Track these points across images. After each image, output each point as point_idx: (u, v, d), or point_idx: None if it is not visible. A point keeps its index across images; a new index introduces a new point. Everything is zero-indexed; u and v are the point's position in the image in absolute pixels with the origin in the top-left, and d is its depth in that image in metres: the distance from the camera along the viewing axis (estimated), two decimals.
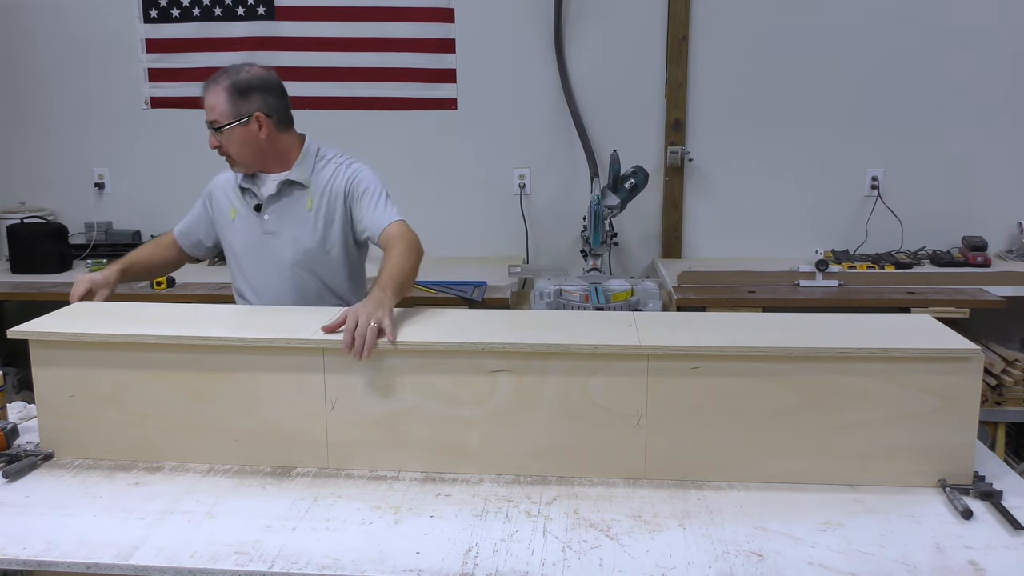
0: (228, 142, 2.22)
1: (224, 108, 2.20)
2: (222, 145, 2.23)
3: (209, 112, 2.21)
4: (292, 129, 2.33)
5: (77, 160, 4.01)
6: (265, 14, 3.77)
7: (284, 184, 2.29)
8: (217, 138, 2.23)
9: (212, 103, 2.21)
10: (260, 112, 2.22)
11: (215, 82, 2.23)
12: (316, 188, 2.30)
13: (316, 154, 2.34)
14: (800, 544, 1.47)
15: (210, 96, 2.21)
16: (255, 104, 2.22)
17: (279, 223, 2.30)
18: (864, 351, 1.65)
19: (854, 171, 3.67)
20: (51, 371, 1.83)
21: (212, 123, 2.22)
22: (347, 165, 2.34)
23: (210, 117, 2.22)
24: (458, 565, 1.42)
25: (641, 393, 1.70)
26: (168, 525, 1.56)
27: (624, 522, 1.56)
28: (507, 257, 3.77)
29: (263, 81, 2.26)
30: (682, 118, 3.69)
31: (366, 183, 2.30)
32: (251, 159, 2.27)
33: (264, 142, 2.24)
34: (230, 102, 2.20)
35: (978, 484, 1.65)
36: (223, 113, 2.20)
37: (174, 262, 2.52)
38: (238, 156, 2.25)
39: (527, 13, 3.69)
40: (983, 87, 3.55)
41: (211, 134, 2.24)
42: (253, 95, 2.22)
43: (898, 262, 3.40)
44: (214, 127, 2.22)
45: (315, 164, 2.32)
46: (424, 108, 3.81)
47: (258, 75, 2.26)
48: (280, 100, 2.28)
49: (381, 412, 1.76)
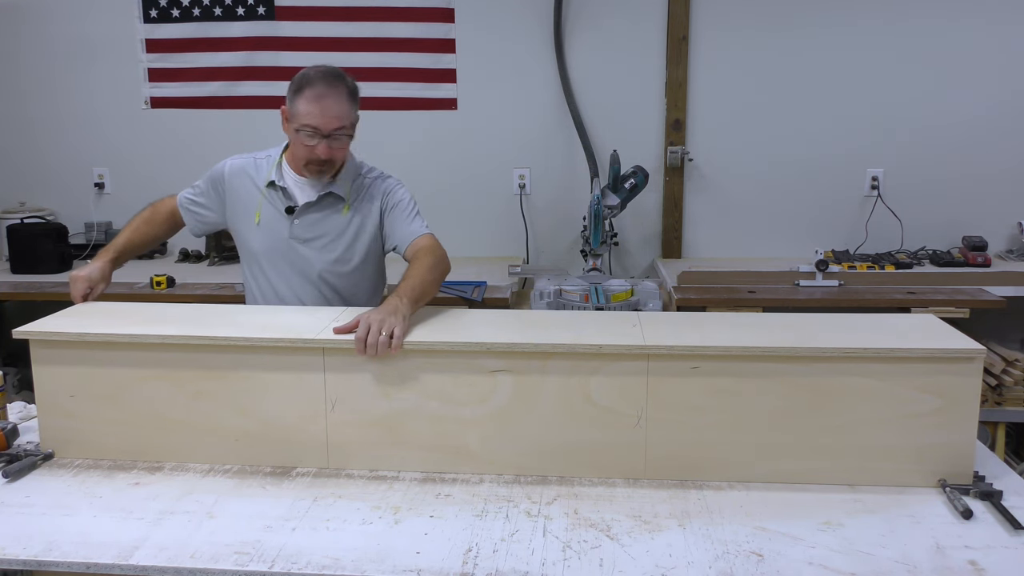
0: (342, 151, 2.14)
1: (351, 113, 2.12)
2: (331, 152, 2.11)
3: (335, 119, 2.08)
4: None
5: (77, 160, 4.01)
6: (265, 14, 3.77)
7: (327, 196, 2.22)
8: (335, 146, 2.11)
9: (343, 111, 2.09)
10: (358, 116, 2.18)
11: (336, 88, 2.09)
12: (355, 202, 2.25)
13: (353, 164, 2.30)
14: (800, 544, 1.48)
15: (337, 103, 2.08)
16: (358, 108, 2.18)
17: (311, 230, 2.22)
18: (864, 351, 1.65)
19: (854, 171, 3.67)
20: (51, 371, 1.83)
21: (340, 130, 2.10)
22: (383, 179, 2.31)
23: (337, 124, 2.09)
24: (458, 565, 1.42)
25: (641, 393, 1.70)
26: (168, 525, 1.56)
27: (624, 522, 1.56)
28: (507, 257, 3.77)
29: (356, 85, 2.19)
30: (682, 118, 3.69)
31: (399, 196, 2.27)
32: (340, 167, 2.21)
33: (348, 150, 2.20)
34: (352, 106, 2.12)
35: (978, 484, 1.65)
36: (351, 118, 2.12)
37: (171, 231, 2.42)
38: (340, 161, 2.18)
39: (527, 13, 3.69)
40: (983, 87, 3.55)
41: (324, 143, 2.08)
42: (358, 99, 2.17)
43: (898, 262, 3.40)
44: (345, 135, 2.12)
45: (354, 177, 2.28)
46: (424, 108, 3.82)
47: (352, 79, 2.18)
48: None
49: (381, 412, 1.76)
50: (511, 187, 3.84)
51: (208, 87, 3.88)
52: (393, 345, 1.72)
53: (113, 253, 2.23)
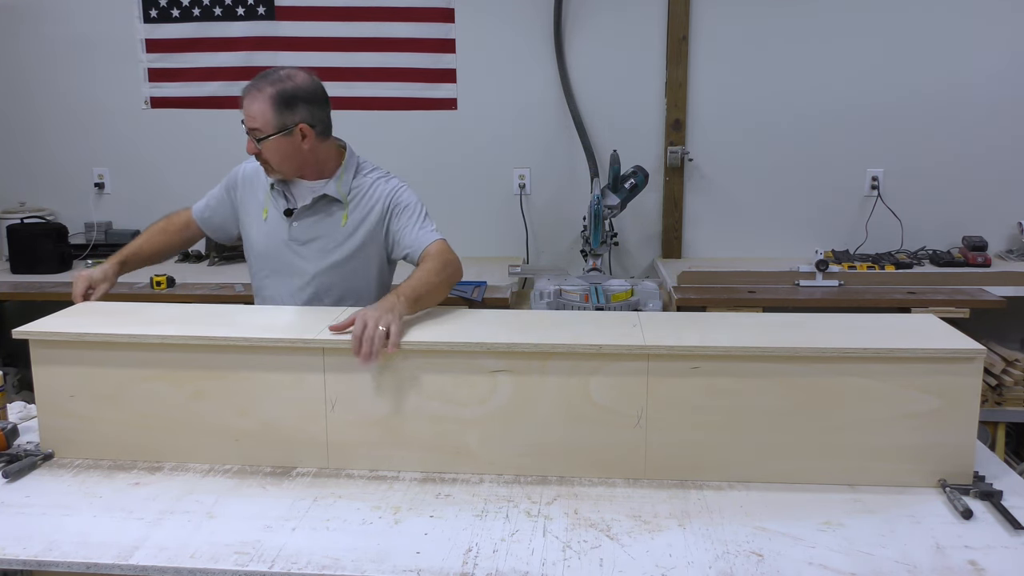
0: (269, 152, 2.12)
1: (267, 118, 2.08)
2: (260, 153, 2.13)
3: (250, 120, 2.09)
4: (332, 137, 2.25)
5: (77, 160, 4.01)
6: (265, 14, 3.77)
7: (322, 199, 2.21)
8: (256, 145, 2.12)
9: (254, 111, 2.08)
10: (304, 123, 2.12)
11: (257, 88, 2.10)
12: (353, 204, 2.22)
13: (356, 167, 2.27)
14: (800, 544, 1.48)
15: (252, 103, 2.09)
16: (300, 115, 2.11)
17: (308, 233, 2.22)
18: (864, 351, 1.65)
19: (854, 171, 3.67)
20: (51, 371, 1.83)
21: (254, 132, 2.10)
22: (386, 180, 2.27)
23: (251, 125, 2.10)
24: (458, 565, 1.42)
25: (641, 393, 1.70)
26: (168, 525, 1.56)
27: (624, 522, 1.56)
28: (507, 257, 3.77)
29: (309, 92, 2.14)
30: (682, 118, 3.69)
31: (407, 200, 2.22)
32: (290, 169, 2.18)
33: (306, 152, 2.15)
34: (275, 112, 2.08)
35: (978, 484, 1.65)
36: (266, 123, 2.09)
37: (186, 243, 2.44)
38: (278, 166, 2.16)
39: (527, 13, 3.69)
40: (983, 87, 3.55)
41: (249, 139, 2.12)
42: (298, 106, 2.11)
43: (898, 262, 3.40)
44: (256, 136, 2.11)
45: (354, 178, 2.24)
46: (424, 108, 3.82)
47: (304, 84, 2.13)
48: (324, 110, 2.18)
49: (381, 412, 1.76)
50: (511, 187, 3.84)
51: (208, 87, 3.88)
52: (390, 345, 1.71)
53: (121, 257, 2.26)
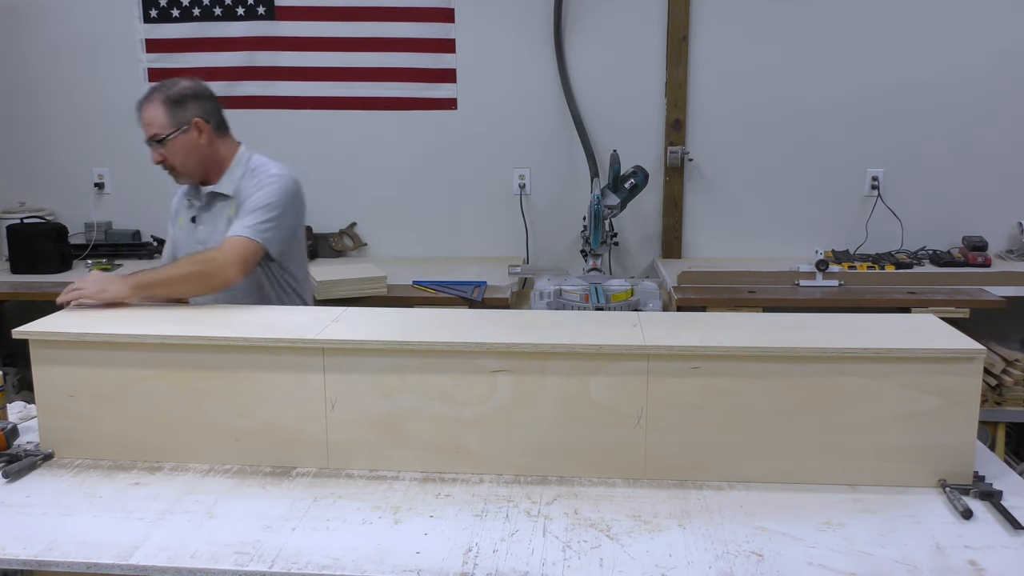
0: (171, 154, 2.26)
1: (163, 120, 2.23)
2: (165, 158, 2.26)
3: (148, 128, 2.24)
4: (229, 135, 2.37)
5: (77, 160, 4.00)
6: (265, 14, 3.77)
7: (210, 196, 2.35)
8: (160, 152, 2.25)
9: (150, 118, 2.24)
10: (198, 118, 2.26)
11: (147, 99, 2.26)
12: (238, 198, 2.31)
13: (246, 164, 2.34)
14: (800, 544, 1.48)
15: (147, 112, 2.24)
16: (192, 111, 2.26)
17: (209, 234, 2.35)
18: (864, 351, 1.65)
19: (854, 171, 3.67)
20: (51, 371, 1.83)
21: (153, 137, 2.24)
22: (258, 175, 2.30)
23: (150, 132, 2.24)
24: (458, 565, 1.42)
25: (641, 393, 1.70)
26: (168, 525, 1.56)
27: (624, 522, 1.56)
28: (507, 257, 3.77)
29: (195, 90, 2.29)
30: (682, 118, 3.68)
31: (258, 197, 2.24)
32: (195, 168, 2.31)
33: (206, 148, 2.29)
34: (168, 113, 2.23)
35: (978, 484, 1.65)
36: (163, 125, 2.23)
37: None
38: (182, 166, 2.28)
39: (527, 13, 3.68)
40: (983, 87, 3.55)
41: (153, 150, 2.26)
42: (188, 103, 2.26)
43: (898, 262, 3.40)
44: (156, 140, 2.24)
45: (243, 175, 2.33)
46: (424, 108, 3.81)
47: (189, 84, 2.29)
48: (214, 105, 2.32)
49: (381, 412, 1.76)
50: (511, 187, 3.84)
51: None
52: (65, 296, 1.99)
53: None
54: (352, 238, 3.93)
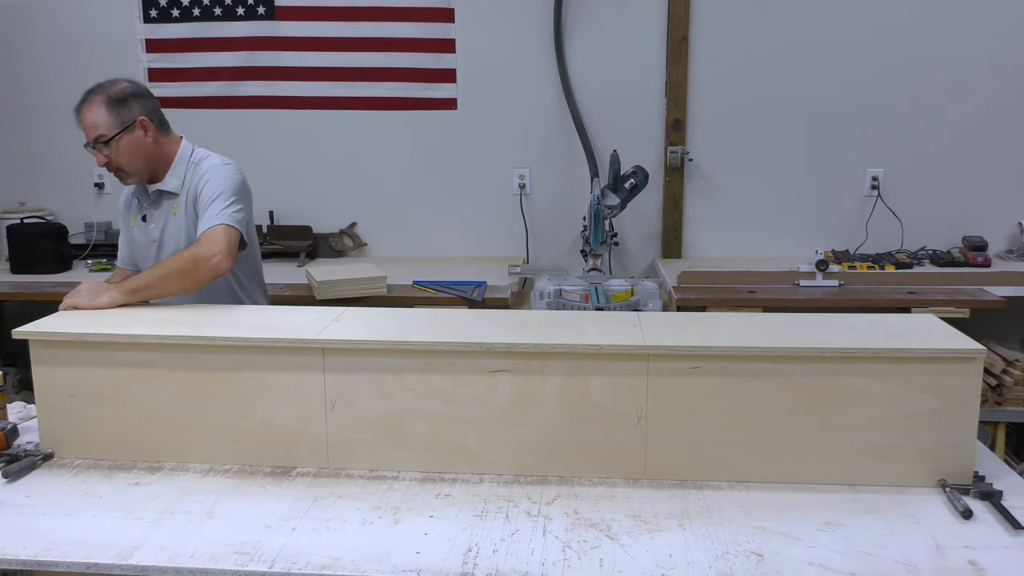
0: (118, 154, 2.24)
1: (107, 120, 2.22)
2: (111, 159, 2.25)
3: (92, 130, 2.23)
4: (171, 131, 2.39)
5: (77, 160, 3.97)
6: (265, 14, 3.77)
7: (157, 194, 2.36)
8: (105, 153, 2.24)
9: (93, 120, 2.22)
10: (143, 116, 2.26)
11: (88, 101, 2.24)
12: (183, 194, 2.33)
13: (189, 159, 2.36)
14: (800, 544, 1.48)
15: (89, 114, 2.23)
16: (136, 110, 2.26)
17: (161, 232, 2.36)
18: (864, 351, 1.65)
19: (854, 171, 3.67)
20: (51, 371, 1.83)
21: (98, 139, 2.22)
22: (205, 167, 2.33)
23: (94, 134, 2.23)
24: (458, 565, 1.42)
25: (641, 393, 1.70)
26: (168, 525, 1.56)
27: (624, 522, 1.56)
28: (507, 257, 3.77)
29: (135, 89, 2.30)
30: (682, 118, 3.68)
31: (212, 186, 2.26)
32: (142, 166, 2.30)
33: (151, 147, 2.29)
34: (112, 113, 2.23)
35: (978, 484, 1.65)
36: (108, 125, 2.22)
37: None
38: (129, 166, 2.27)
39: (527, 13, 3.68)
40: (983, 87, 3.55)
41: (97, 153, 2.25)
42: (131, 102, 2.26)
43: (898, 262, 3.40)
44: (102, 141, 2.22)
45: (187, 170, 2.34)
46: (424, 108, 3.81)
47: (128, 85, 2.29)
48: (155, 103, 2.34)
49: (381, 412, 1.76)
50: (511, 187, 3.84)
51: (208, 87, 3.87)
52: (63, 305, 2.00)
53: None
54: (352, 238, 3.93)
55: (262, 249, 3.71)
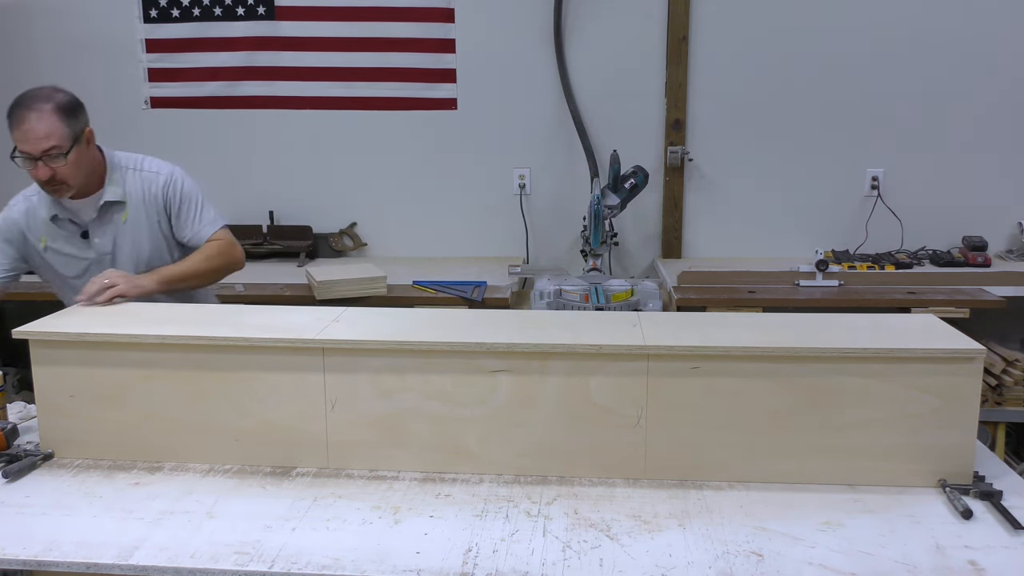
0: (67, 167, 2.12)
1: (63, 131, 2.09)
2: (56, 173, 2.12)
3: (43, 140, 2.07)
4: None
5: None
6: (265, 14, 3.77)
7: (106, 204, 2.26)
8: (53, 166, 2.10)
9: (47, 130, 2.07)
10: (88, 127, 2.19)
11: (36, 110, 2.08)
12: (132, 200, 2.29)
13: (124, 166, 2.31)
14: (800, 544, 1.47)
15: (41, 124, 2.07)
16: (83, 120, 2.17)
17: (110, 243, 2.29)
18: (864, 351, 1.64)
19: (854, 171, 3.67)
20: (51, 371, 1.83)
21: (51, 151, 2.08)
22: (155, 172, 2.32)
23: (46, 145, 2.07)
24: (458, 565, 1.42)
25: (641, 393, 1.70)
26: (168, 525, 1.56)
27: (624, 522, 1.56)
28: (507, 257, 3.77)
29: (75, 97, 2.18)
30: (682, 118, 3.68)
31: (181, 191, 2.31)
32: (84, 179, 2.20)
33: (92, 159, 2.22)
34: (66, 124, 2.10)
35: (978, 484, 1.65)
36: (63, 136, 2.09)
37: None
38: (74, 179, 2.16)
39: (527, 13, 3.68)
40: (983, 87, 3.55)
41: (42, 165, 2.10)
42: (79, 112, 2.16)
43: (898, 262, 3.40)
44: (59, 153, 2.09)
45: (124, 177, 2.30)
46: (424, 108, 3.81)
47: (70, 93, 2.17)
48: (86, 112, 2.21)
49: (381, 412, 1.76)
50: (511, 187, 3.84)
51: (208, 87, 3.87)
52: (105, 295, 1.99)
53: None
54: (352, 238, 3.93)
55: (262, 249, 3.75)
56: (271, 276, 3.44)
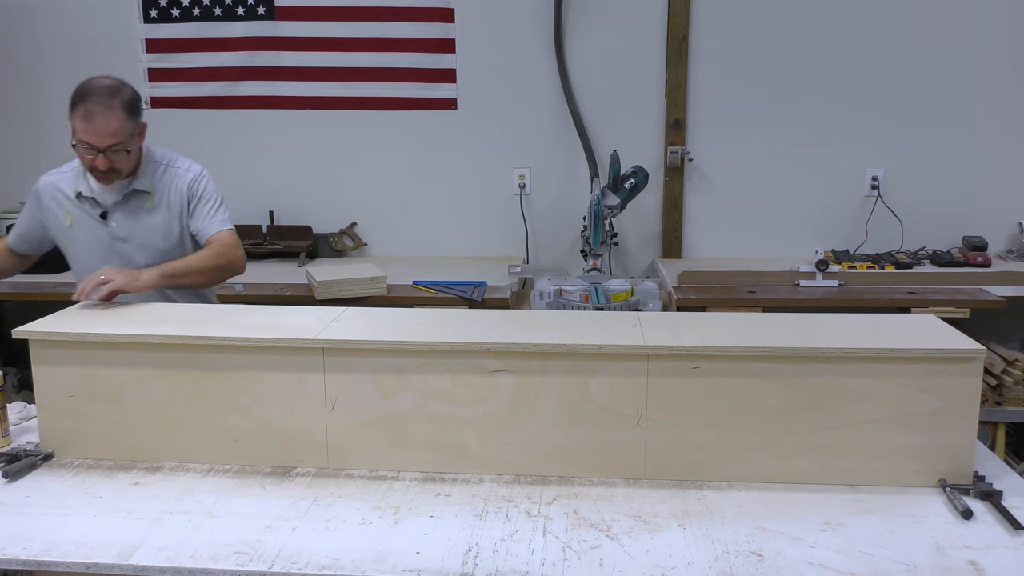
0: (124, 161, 2.22)
1: (128, 130, 2.19)
2: (113, 164, 2.20)
3: (111, 137, 2.15)
4: None
5: None
6: (265, 14, 3.77)
7: (130, 193, 2.33)
8: (112, 159, 2.19)
9: (116, 127, 2.15)
10: (144, 122, 2.29)
11: (105, 105, 2.15)
12: (159, 192, 2.34)
13: (156, 160, 2.38)
14: (800, 544, 1.48)
15: (109, 121, 2.14)
16: (141, 116, 2.27)
17: (129, 229, 2.34)
18: (864, 351, 1.65)
19: (854, 171, 3.67)
20: (51, 371, 1.83)
21: (118, 145, 2.17)
22: (186, 169, 2.38)
23: (113, 141, 2.16)
24: (458, 565, 1.42)
25: (641, 393, 1.70)
26: (168, 525, 1.56)
27: (624, 522, 1.56)
28: (507, 257, 3.77)
29: (136, 92, 2.27)
30: (682, 118, 3.68)
31: (204, 189, 2.38)
32: (133, 169, 2.31)
33: (139, 149, 2.31)
34: (131, 122, 2.20)
35: (978, 484, 1.65)
36: (128, 135, 2.19)
37: (10, 270, 2.56)
38: (126, 169, 2.27)
39: (527, 13, 3.68)
40: (983, 87, 3.55)
41: (101, 156, 2.17)
42: (139, 107, 2.25)
43: (898, 262, 3.40)
44: (123, 149, 2.18)
45: (156, 170, 2.35)
46: (424, 108, 3.81)
47: (132, 87, 2.26)
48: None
49: (381, 412, 1.76)
50: (511, 187, 3.84)
51: (208, 87, 3.87)
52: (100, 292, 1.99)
53: None
54: (352, 238, 3.93)
55: (262, 249, 3.75)
56: (271, 276, 3.45)
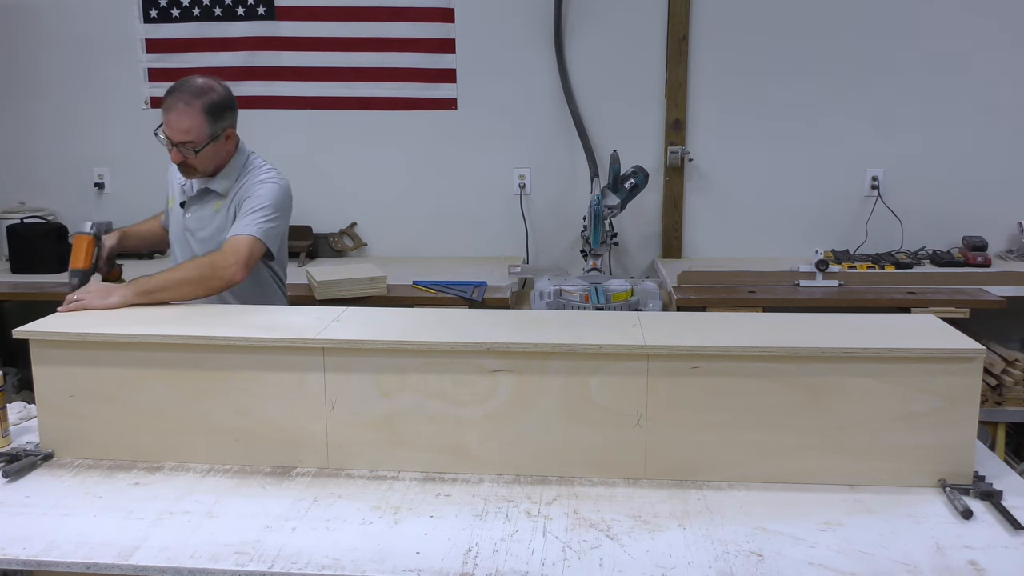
0: (199, 159, 2.26)
1: (202, 130, 2.22)
2: (187, 159, 2.25)
3: (184, 134, 2.20)
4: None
5: (77, 160, 4.00)
6: (265, 14, 3.77)
7: (205, 190, 2.37)
8: (185, 154, 2.23)
9: (189, 125, 2.19)
10: (230, 128, 2.30)
11: (185, 103, 2.19)
12: (231, 196, 2.34)
13: (244, 166, 2.37)
14: (800, 544, 1.48)
15: (185, 118, 2.19)
16: (227, 121, 2.28)
17: (197, 223, 2.39)
18: (864, 351, 1.65)
19: (854, 171, 3.67)
20: (51, 371, 1.83)
21: (187, 144, 2.21)
22: (255, 177, 2.34)
23: (185, 138, 2.20)
24: (458, 565, 1.42)
25: (641, 393, 1.70)
26: (168, 525, 1.56)
27: (624, 522, 1.56)
28: (507, 257, 3.77)
29: (229, 98, 2.30)
30: (682, 118, 3.68)
31: (256, 198, 2.28)
32: (213, 169, 2.34)
33: (225, 153, 2.33)
34: (208, 124, 2.22)
35: (978, 484, 1.65)
36: (201, 135, 2.22)
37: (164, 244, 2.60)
38: (203, 168, 2.30)
39: (527, 13, 3.68)
40: (984, 87, 3.55)
41: (175, 150, 2.23)
42: (225, 114, 2.27)
43: (898, 262, 3.40)
44: (193, 148, 2.22)
45: (238, 175, 2.35)
46: (424, 108, 3.81)
47: (224, 92, 2.29)
48: (236, 111, 2.34)
49: (381, 412, 1.76)
50: (511, 187, 3.84)
51: None
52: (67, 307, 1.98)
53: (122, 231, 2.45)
54: (352, 238, 3.93)
55: None
56: None
